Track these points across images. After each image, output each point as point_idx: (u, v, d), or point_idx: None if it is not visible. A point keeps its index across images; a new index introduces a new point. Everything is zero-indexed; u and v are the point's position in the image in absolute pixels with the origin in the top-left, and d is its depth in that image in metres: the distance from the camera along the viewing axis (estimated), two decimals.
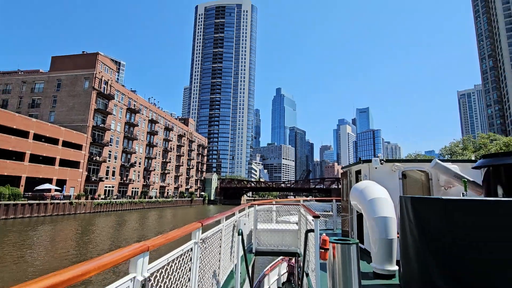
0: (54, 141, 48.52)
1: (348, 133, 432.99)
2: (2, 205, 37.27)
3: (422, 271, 3.86)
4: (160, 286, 2.11)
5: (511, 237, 3.39)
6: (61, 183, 49.78)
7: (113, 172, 63.83)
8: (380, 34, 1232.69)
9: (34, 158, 45.04)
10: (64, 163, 50.42)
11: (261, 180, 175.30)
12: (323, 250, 3.81)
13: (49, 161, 47.97)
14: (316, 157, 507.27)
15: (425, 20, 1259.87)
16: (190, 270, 2.87)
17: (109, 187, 62.29)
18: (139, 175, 73.65)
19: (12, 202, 38.47)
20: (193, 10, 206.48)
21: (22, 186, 42.69)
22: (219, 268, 4.29)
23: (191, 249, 2.91)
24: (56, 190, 47.91)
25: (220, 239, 4.34)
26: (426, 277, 3.81)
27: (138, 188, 72.89)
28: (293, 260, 11.88)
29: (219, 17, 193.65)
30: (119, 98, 65.96)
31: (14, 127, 41.40)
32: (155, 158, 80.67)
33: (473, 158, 9.28)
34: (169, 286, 2.29)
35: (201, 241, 3.21)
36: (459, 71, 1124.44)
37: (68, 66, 59.55)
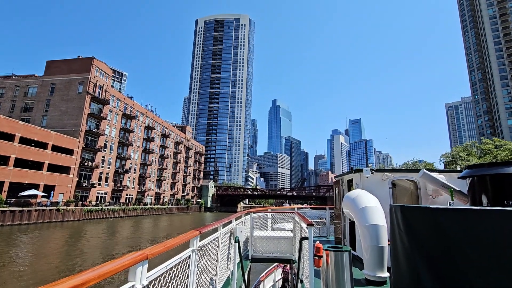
0: (43, 145, 44.91)
1: (341, 143, 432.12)
2: None
3: (412, 277, 3.45)
4: None
5: (495, 244, 2.95)
6: (49, 189, 45.88)
7: (106, 178, 59.95)
8: (372, 47, 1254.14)
9: (21, 163, 41.35)
10: (54, 168, 46.65)
11: (257, 187, 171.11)
12: (317, 258, 3.76)
13: (38, 166, 44.23)
14: (311, 166, 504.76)
15: (415, 35, 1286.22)
16: (187, 277, 2.81)
17: (102, 193, 58.29)
18: (133, 181, 69.70)
19: None
20: (193, 24, 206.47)
21: (5, 191, 38.80)
22: (216, 275, 4.20)
23: (189, 256, 2.86)
24: (43, 196, 44.03)
25: (217, 247, 4.25)
26: (416, 283, 3.39)
27: (132, 195, 68.82)
28: (288, 267, 11.66)
29: (218, 30, 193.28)
30: (114, 104, 62.73)
31: None
32: (151, 164, 76.90)
33: (458, 168, 9.39)
34: None
35: (198, 248, 3.14)
36: (447, 84, 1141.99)
37: (63, 71, 56.49)
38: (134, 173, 70.15)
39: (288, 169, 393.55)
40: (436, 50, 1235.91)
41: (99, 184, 57.43)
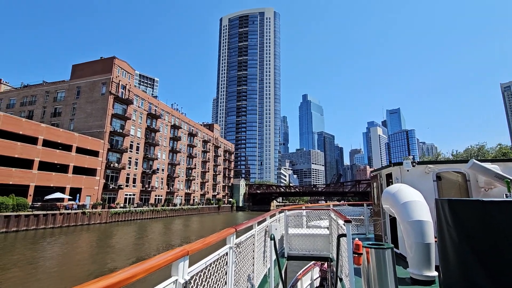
0: (68, 148, 44.26)
1: (379, 135, 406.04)
2: (2, 216, 32.62)
3: (464, 276, 3.59)
4: None
5: None
6: (76, 192, 45.20)
7: (134, 179, 58.89)
8: (410, 31, 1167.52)
9: (47, 166, 40.81)
10: (79, 170, 45.93)
11: (290, 185, 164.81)
12: (356, 255, 3.68)
13: (63, 169, 43.65)
14: (346, 161, 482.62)
15: (458, 12, 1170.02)
16: (226, 273, 2.85)
17: (130, 195, 57.28)
18: (162, 182, 68.37)
19: (14, 213, 33.79)
20: (218, 23, 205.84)
21: (30, 195, 38.28)
22: (253, 272, 4.20)
23: (227, 253, 2.90)
24: (69, 200, 43.33)
25: (253, 244, 4.26)
26: (469, 282, 3.54)
27: (161, 196, 67.51)
28: (326, 265, 11.04)
29: (242, 26, 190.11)
30: (138, 103, 61.55)
31: (21, 132, 37.32)
32: (179, 164, 75.26)
33: None
34: None
35: (235, 246, 3.18)
36: (500, 62, 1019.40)
37: (87, 73, 56.35)
38: (162, 173, 68.79)
39: (322, 165, 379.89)
40: (488, 27, 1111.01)
41: (126, 186, 56.42)
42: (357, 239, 3.87)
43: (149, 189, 62.10)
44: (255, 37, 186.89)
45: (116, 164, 53.29)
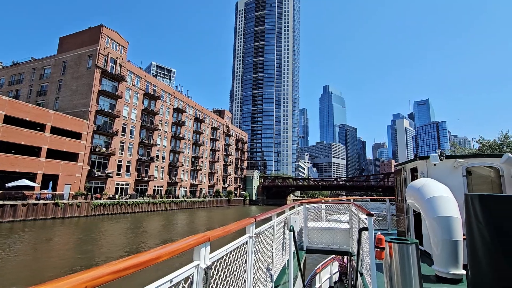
0: (41, 128, 37.26)
1: (405, 127, 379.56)
2: None
3: (495, 276, 3.44)
4: (220, 275, 2.16)
5: None
6: (51, 179, 38.29)
7: (128, 167, 51.62)
8: (440, 15, 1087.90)
9: (10, 147, 34.00)
10: (56, 154, 38.92)
11: (309, 178, 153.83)
12: (378, 249, 3.53)
13: (34, 151, 36.73)
14: (369, 156, 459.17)
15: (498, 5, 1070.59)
16: (245, 262, 2.87)
17: (122, 184, 50.09)
18: (162, 171, 60.86)
19: None
20: (234, 8, 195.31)
21: None
22: (272, 262, 4.16)
23: (246, 242, 2.90)
24: (42, 188, 36.48)
25: (272, 235, 4.21)
26: (500, 282, 3.40)
27: (161, 186, 60.09)
28: (345, 259, 10.91)
29: (259, 10, 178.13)
30: (133, 81, 53.85)
31: None
32: (183, 152, 67.42)
33: None
34: (227, 275, 2.32)
35: (255, 235, 3.16)
36: None
37: (74, 46, 49.24)
38: (163, 161, 61.22)
39: (344, 159, 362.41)
40: None
41: (118, 174, 49.21)
42: (379, 233, 3.73)
43: (146, 178, 54.71)
44: (273, 20, 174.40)
45: (104, 149, 46.00)
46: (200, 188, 74.82)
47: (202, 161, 76.22)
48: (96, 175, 44.15)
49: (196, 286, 1.75)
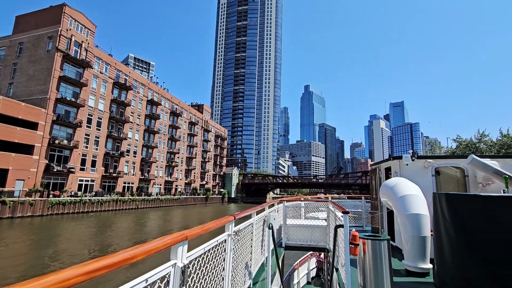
0: None
1: (382, 128, 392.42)
2: None
3: (459, 269, 3.67)
4: (198, 273, 2.15)
5: None
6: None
7: (94, 162, 47.24)
8: (415, 23, 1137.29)
9: None
10: (5, 146, 34.23)
11: (289, 176, 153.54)
12: (353, 246, 3.64)
13: None
14: (347, 155, 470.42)
15: (466, 9, 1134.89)
16: (224, 260, 2.86)
17: (87, 180, 45.71)
18: (134, 167, 56.75)
19: None
20: (215, 1, 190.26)
21: None
22: (251, 260, 4.19)
23: (225, 240, 2.89)
24: None
25: (252, 233, 4.25)
26: (463, 275, 3.63)
27: (132, 183, 56.00)
28: (322, 256, 11.35)
29: (241, 4, 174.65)
30: (101, 69, 49.32)
31: None
32: (157, 147, 63.46)
33: None
34: (205, 274, 2.31)
35: (234, 233, 3.17)
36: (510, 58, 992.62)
37: (32, 26, 43.99)
38: (134, 156, 57.09)
39: (323, 158, 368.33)
40: (496, 22, 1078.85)
41: (82, 169, 44.80)
42: (354, 230, 3.83)
43: (114, 174, 50.50)
44: (255, 16, 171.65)
45: (66, 141, 41.51)
46: (176, 185, 71.14)
47: (178, 157, 72.48)
48: (56, 170, 39.68)
49: (173, 285, 1.72)
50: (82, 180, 44.74)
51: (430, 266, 4.75)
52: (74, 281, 0.94)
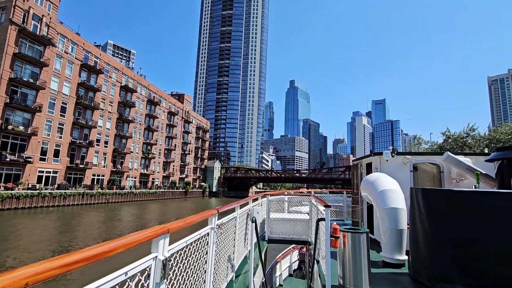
0: None
1: (364, 124, 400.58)
2: None
3: (431, 260, 3.80)
4: (179, 266, 2.16)
5: None
6: None
7: (57, 151, 42.56)
8: (399, 24, 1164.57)
9: None
10: None
11: (273, 169, 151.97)
12: (333, 238, 3.75)
13: None
14: (330, 151, 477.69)
15: (447, 10, 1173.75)
16: (207, 253, 2.89)
17: (48, 172, 41.09)
18: (105, 158, 52.25)
19: None
20: None
21: None
22: (234, 253, 4.26)
23: (208, 233, 2.91)
24: None
25: (235, 226, 4.26)
26: (435, 266, 3.76)
27: (103, 175, 51.60)
28: (304, 249, 11.31)
29: None
30: (66, 48, 44.26)
31: None
32: (132, 137, 59.02)
33: (486, 151, 8.11)
34: (187, 267, 2.31)
35: (217, 226, 3.17)
36: (489, 56, 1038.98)
37: None
38: (106, 147, 52.54)
39: (306, 153, 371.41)
40: (475, 23, 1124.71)
41: (42, 159, 40.13)
42: (335, 223, 3.95)
43: (82, 165, 45.97)
44: (241, 5, 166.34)
45: (22, 128, 36.70)
46: (153, 179, 67.06)
47: (155, 149, 68.23)
48: (9, 159, 34.95)
49: (154, 278, 1.71)
50: (42, 172, 40.10)
51: (406, 257, 4.87)
52: (48, 275, 0.89)
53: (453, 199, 3.71)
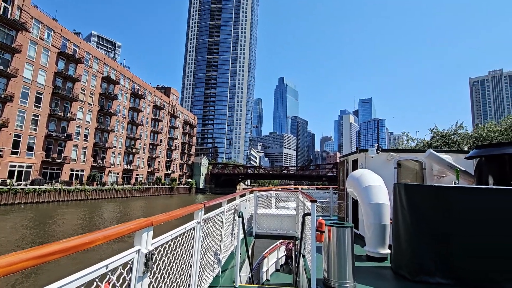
0: None
1: (351, 122, 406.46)
2: None
3: (413, 254, 3.89)
4: (164, 260, 2.13)
5: (499, 222, 3.43)
6: None
7: (31, 144, 39.82)
8: (385, 24, 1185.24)
9: None
10: None
11: (261, 166, 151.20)
12: (319, 233, 3.80)
13: None
14: (317, 148, 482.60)
15: (434, 11, 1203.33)
16: (192, 247, 2.86)
17: (21, 166, 38.39)
18: (84, 152, 49.60)
19: None
20: None
21: None
22: (220, 248, 4.23)
23: (194, 228, 2.87)
24: None
25: (222, 221, 4.25)
26: (416, 260, 3.85)
27: (83, 171, 48.99)
28: (291, 244, 11.50)
29: None
30: (41, 34, 41.30)
31: None
32: (114, 131, 56.41)
33: (465, 149, 8.60)
34: (172, 261, 2.28)
35: (203, 221, 3.15)
36: (471, 58, 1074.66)
37: None
38: (86, 140, 49.85)
39: (294, 150, 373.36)
40: (458, 24, 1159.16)
41: (14, 153, 37.39)
42: (320, 218, 3.99)
43: (59, 160, 43.33)
44: None
45: None
46: (137, 175, 64.65)
47: (140, 143, 65.73)
48: None
49: (136, 272, 1.67)
50: (14, 166, 37.38)
51: (388, 251, 4.97)
52: (21, 266, 0.85)
53: (434, 195, 3.81)
